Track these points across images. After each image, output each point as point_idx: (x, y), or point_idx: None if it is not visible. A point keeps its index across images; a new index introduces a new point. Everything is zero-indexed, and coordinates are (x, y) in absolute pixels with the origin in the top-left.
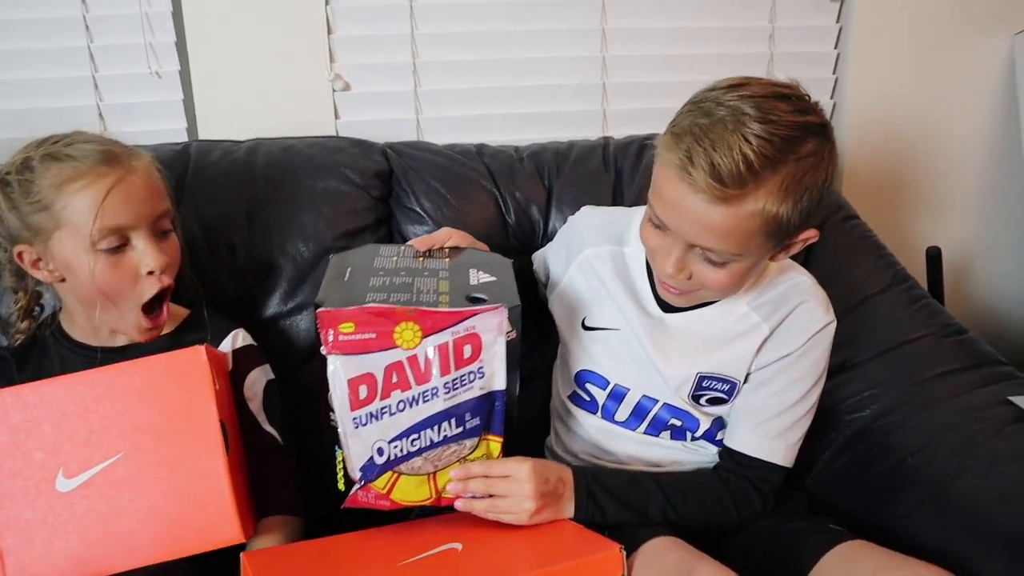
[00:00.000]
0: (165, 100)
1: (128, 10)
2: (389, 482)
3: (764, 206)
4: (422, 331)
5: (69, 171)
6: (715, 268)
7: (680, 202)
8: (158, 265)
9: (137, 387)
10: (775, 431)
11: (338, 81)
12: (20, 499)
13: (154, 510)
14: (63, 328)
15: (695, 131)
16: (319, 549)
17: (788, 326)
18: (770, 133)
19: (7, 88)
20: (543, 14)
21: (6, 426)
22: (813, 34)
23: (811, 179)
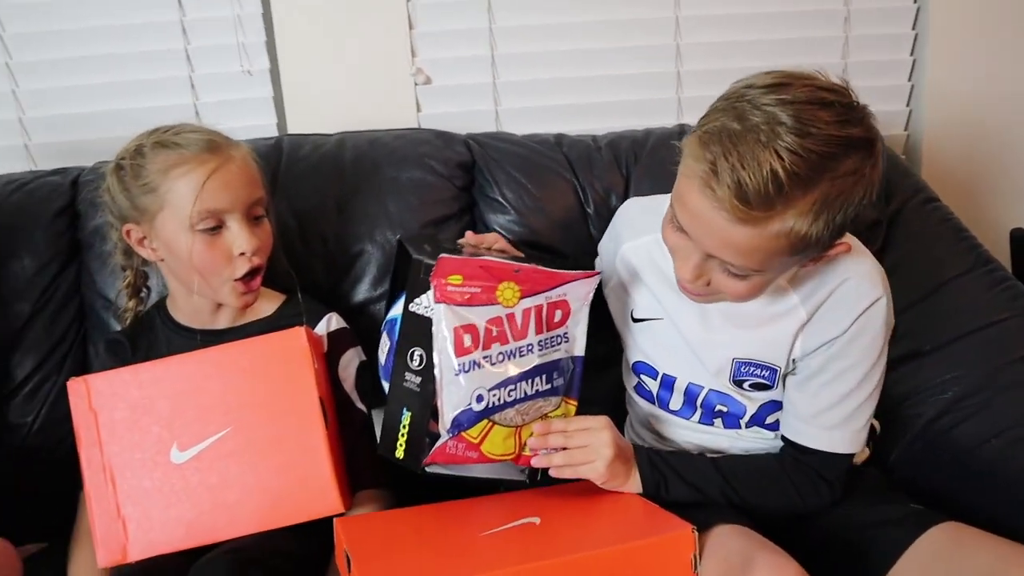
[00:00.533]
0: (256, 97)
1: (221, 12)
2: (483, 432)
3: (792, 226)
4: (521, 292)
5: (175, 157)
6: (734, 280)
7: (702, 214)
8: (250, 247)
9: (243, 367)
10: (834, 421)
11: (420, 75)
12: (139, 470)
13: (259, 482)
14: (169, 312)
15: (724, 140)
16: (406, 517)
17: (831, 308)
18: (806, 149)
19: (111, 89)
20: (617, 4)
21: (127, 402)
22: (889, 15)
23: (846, 198)
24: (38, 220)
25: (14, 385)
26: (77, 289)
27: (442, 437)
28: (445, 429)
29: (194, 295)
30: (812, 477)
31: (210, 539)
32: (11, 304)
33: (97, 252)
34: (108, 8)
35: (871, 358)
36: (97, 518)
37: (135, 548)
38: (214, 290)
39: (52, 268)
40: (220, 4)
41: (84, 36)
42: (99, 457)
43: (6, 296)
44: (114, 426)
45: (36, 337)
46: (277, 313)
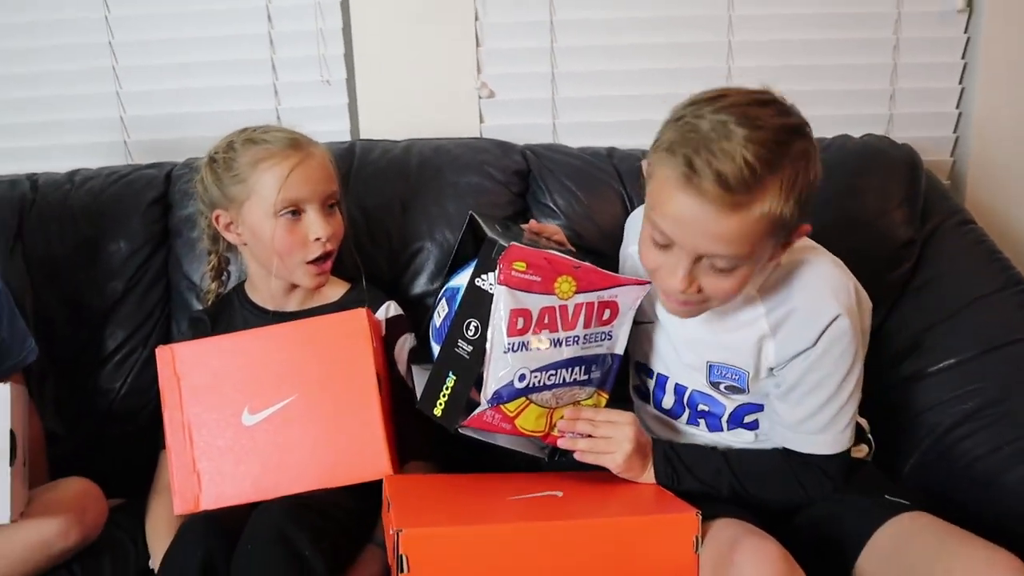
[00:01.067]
0: (333, 104)
1: (306, 26)
2: (519, 407)
3: (770, 208)
4: (577, 287)
5: (263, 152)
6: (723, 277)
7: (688, 214)
8: (324, 234)
9: (310, 341)
10: (817, 427)
11: (484, 89)
12: (214, 429)
13: (319, 445)
14: (247, 294)
15: (689, 143)
16: (445, 480)
17: (793, 325)
18: (761, 139)
19: (203, 93)
20: (673, 27)
21: (207, 369)
22: (939, 45)
23: (804, 177)
24: (134, 208)
25: (105, 354)
26: (165, 271)
27: (481, 405)
28: (486, 399)
29: (272, 277)
30: (816, 472)
31: (273, 494)
32: (107, 282)
33: (185, 239)
34: (204, 20)
35: (844, 367)
36: (175, 471)
37: (207, 499)
38: (290, 271)
39: (144, 251)
40: (305, 19)
41: (182, 45)
42: (180, 417)
43: (103, 275)
44: (194, 390)
45: (127, 312)
46: (343, 299)
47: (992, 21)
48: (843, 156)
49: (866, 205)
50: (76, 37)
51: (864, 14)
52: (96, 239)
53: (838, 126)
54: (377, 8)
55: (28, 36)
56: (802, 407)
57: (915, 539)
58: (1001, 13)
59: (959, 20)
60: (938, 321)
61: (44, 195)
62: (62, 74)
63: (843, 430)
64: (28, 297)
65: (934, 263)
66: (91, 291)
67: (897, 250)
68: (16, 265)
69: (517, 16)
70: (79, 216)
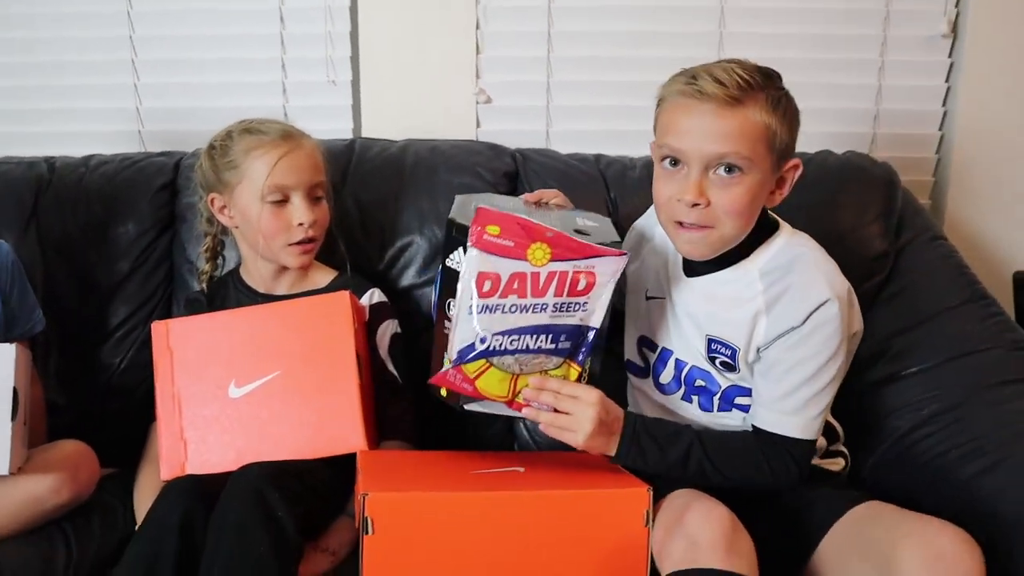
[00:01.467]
0: (338, 104)
1: (316, 29)
2: (479, 369)
3: (762, 115)
4: (551, 255)
5: (256, 141)
6: (730, 187)
7: (694, 120)
8: (307, 220)
9: (295, 320)
10: (791, 407)
11: (482, 95)
12: (201, 400)
13: (300, 418)
14: (241, 277)
15: (690, 71)
16: (415, 456)
17: (786, 302)
18: (747, 67)
19: (215, 88)
20: (665, 42)
21: (197, 344)
22: (923, 68)
23: (787, 104)
24: (144, 193)
25: (108, 331)
26: (169, 254)
27: (445, 365)
28: (450, 359)
29: (261, 260)
30: (783, 456)
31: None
32: (114, 261)
33: (190, 224)
34: (220, 19)
35: (827, 353)
36: (164, 439)
37: (192, 466)
38: (275, 252)
39: (151, 234)
40: (315, 22)
41: (198, 42)
42: (170, 388)
43: (110, 254)
44: (185, 363)
45: (131, 291)
46: (329, 285)
47: (975, 47)
48: (824, 170)
49: (844, 218)
50: (99, 30)
51: (851, 36)
52: (106, 220)
53: (824, 143)
54: (384, 14)
55: (54, 27)
56: (780, 385)
57: (875, 520)
58: (983, 40)
59: (943, 45)
60: (906, 330)
61: (60, 177)
62: (84, 64)
63: (815, 417)
64: (39, 272)
65: (905, 275)
66: (98, 269)
67: (871, 262)
68: (30, 241)
69: (516, 26)
70: (92, 198)
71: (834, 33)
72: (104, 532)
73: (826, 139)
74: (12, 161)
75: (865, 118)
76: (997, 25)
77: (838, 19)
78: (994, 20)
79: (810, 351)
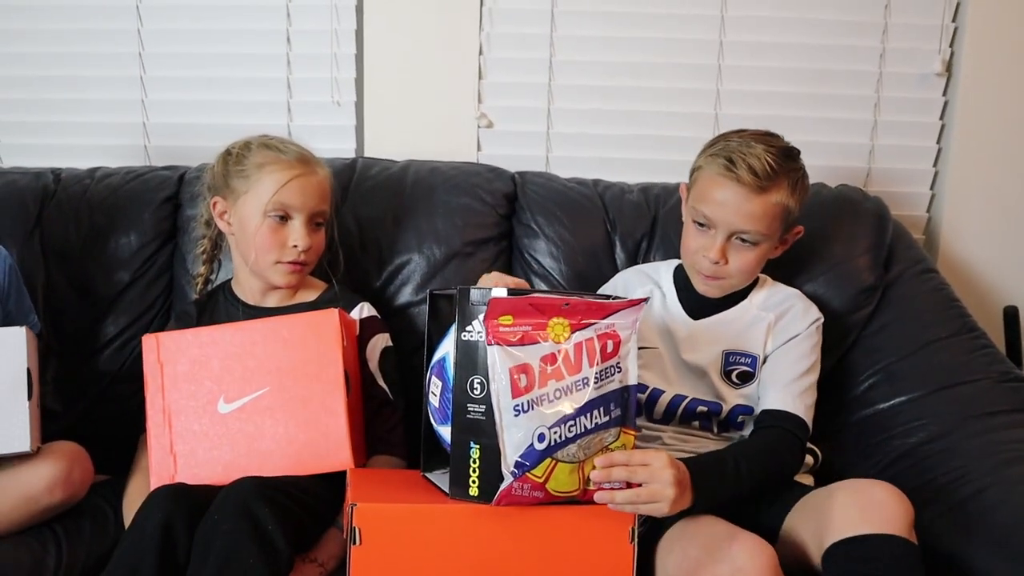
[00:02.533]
0: (342, 124)
1: (321, 50)
2: (547, 470)
3: (783, 197)
4: (571, 327)
5: (273, 157)
6: (746, 251)
7: (727, 198)
8: (303, 244)
9: (284, 337)
10: (796, 391)
11: (483, 119)
12: (191, 415)
13: (287, 434)
14: (232, 290)
15: (725, 151)
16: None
17: (788, 320)
18: (775, 150)
19: (221, 106)
20: (665, 73)
21: (188, 358)
22: (918, 105)
23: (803, 183)
24: (147, 204)
25: (106, 340)
26: (170, 266)
27: (506, 479)
28: (508, 471)
29: (250, 272)
30: (791, 439)
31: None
32: (115, 272)
33: (191, 236)
34: (227, 38)
35: (812, 358)
36: (154, 452)
37: (181, 479)
38: (264, 267)
39: (152, 246)
40: (321, 43)
41: (205, 60)
42: (161, 401)
43: (112, 265)
44: (176, 377)
45: (131, 301)
46: (318, 299)
47: (968, 86)
48: (817, 203)
49: (835, 250)
50: (109, 47)
51: (848, 71)
52: (109, 231)
53: (819, 176)
54: (389, 38)
55: (65, 43)
56: (790, 371)
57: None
58: (977, 79)
59: (938, 83)
60: (895, 360)
61: (65, 187)
62: (94, 79)
63: (809, 407)
64: (41, 280)
65: (896, 306)
66: (99, 279)
67: (859, 294)
68: (33, 249)
69: (519, 53)
70: (95, 209)
71: (831, 68)
72: (94, 537)
73: (822, 172)
74: (19, 171)
75: (861, 153)
76: (990, 65)
77: (835, 55)
78: (987, 60)
79: (804, 351)
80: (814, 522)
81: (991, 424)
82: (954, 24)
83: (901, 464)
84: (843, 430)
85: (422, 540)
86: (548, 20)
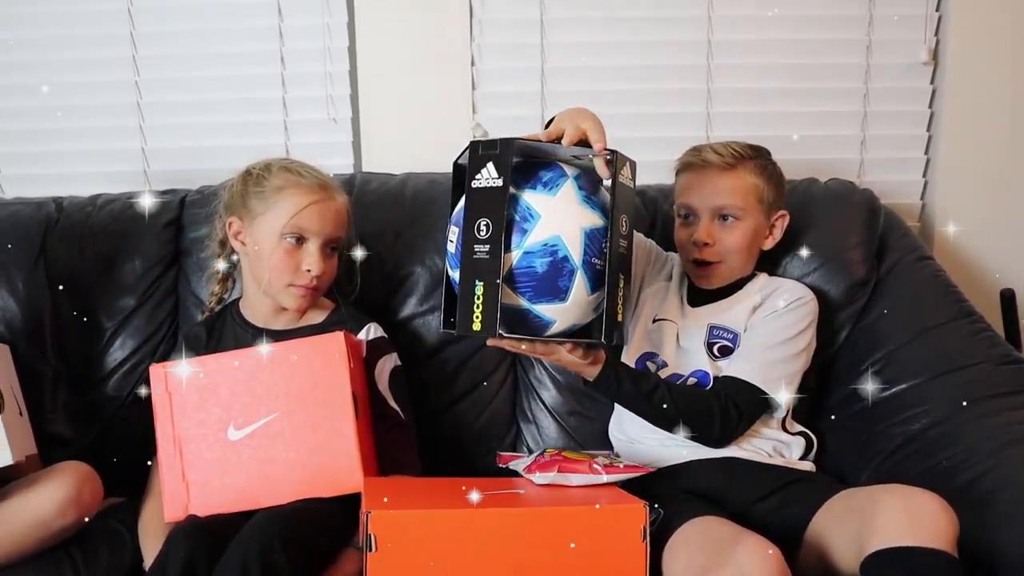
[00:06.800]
0: (338, 141)
1: (315, 68)
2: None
3: (752, 178)
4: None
5: (293, 180)
6: (730, 229)
7: (701, 181)
8: (316, 269)
9: (290, 362)
10: (762, 361)
11: (478, 129)
12: (202, 443)
13: (299, 459)
14: (240, 311)
15: (694, 148)
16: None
17: (772, 299)
18: (741, 143)
19: (218, 128)
20: (655, 75)
21: (196, 386)
22: (906, 95)
23: (774, 172)
24: (149, 230)
25: (115, 365)
26: (174, 289)
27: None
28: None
29: (262, 295)
30: (729, 405)
31: (255, 505)
32: (121, 297)
33: (195, 259)
34: (222, 60)
35: (795, 329)
36: (166, 481)
37: (195, 507)
38: (275, 289)
39: (156, 270)
40: (315, 62)
41: (199, 82)
42: (171, 431)
43: (117, 290)
44: (185, 406)
45: (138, 326)
46: (326, 320)
47: (954, 73)
48: (808, 198)
49: (827, 244)
50: (105, 74)
51: (835, 64)
52: (113, 257)
53: (812, 169)
54: (381, 53)
55: (62, 72)
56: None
57: (857, 493)
58: (963, 66)
59: (925, 72)
60: (895, 347)
61: (68, 215)
62: (91, 108)
63: (780, 377)
64: (48, 308)
65: (893, 295)
66: (106, 305)
67: (851, 288)
68: (38, 278)
69: (510, 63)
70: (99, 235)
71: (819, 63)
72: (112, 560)
73: (815, 165)
74: (22, 202)
75: (852, 144)
76: (975, 51)
77: (822, 49)
78: (972, 47)
79: (784, 323)
80: (854, 525)
81: (992, 407)
82: (938, 13)
83: (907, 450)
84: (845, 419)
85: (438, 545)
86: (538, 29)
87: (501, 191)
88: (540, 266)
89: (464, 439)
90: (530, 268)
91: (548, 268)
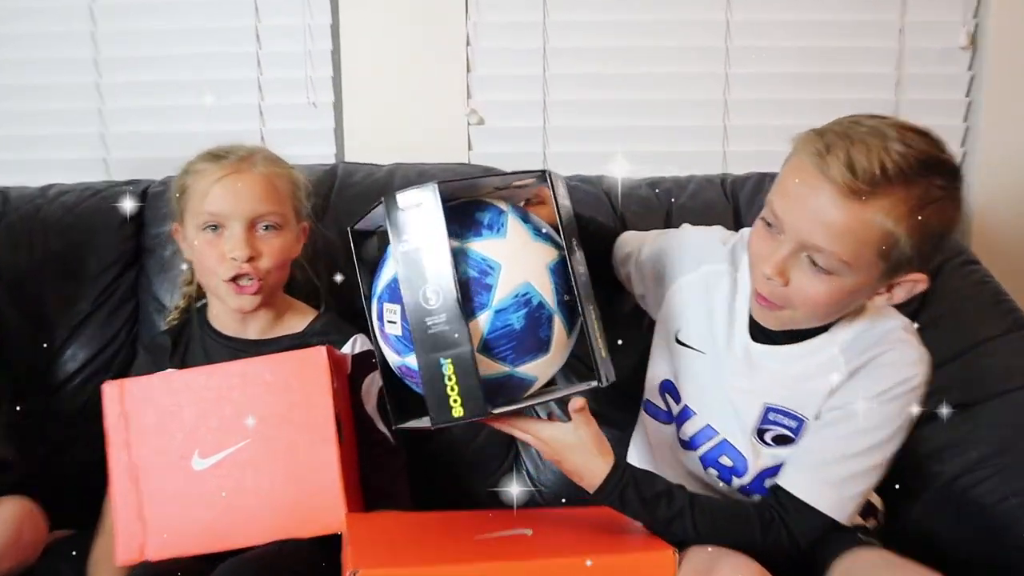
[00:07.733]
0: (319, 128)
1: (294, 47)
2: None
3: (886, 220)
4: None
5: (203, 164)
6: (816, 278)
7: (805, 193)
8: (240, 254)
9: (265, 380)
10: (829, 477)
11: (474, 115)
12: (162, 473)
13: (272, 492)
14: (208, 319)
15: (838, 130)
16: (408, 518)
17: (870, 371)
18: (908, 152)
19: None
20: (668, 57)
21: (156, 408)
22: (942, 82)
23: (934, 211)
24: (107, 224)
25: (65, 377)
26: (134, 291)
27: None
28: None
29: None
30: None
31: (222, 546)
32: (73, 301)
33: (158, 258)
34: (191, 37)
35: (886, 430)
36: (119, 517)
37: (152, 548)
38: (212, 289)
39: (114, 270)
40: (294, 40)
41: (165, 62)
42: (126, 458)
43: (69, 292)
44: (143, 430)
45: (91, 334)
46: (306, 330)
47: (997, 58)
48: None
49: None
50: (61, 51)
51: (864, 48)
52: (65, 255)
53: None
54: (367, 31)
55: (10, 48)
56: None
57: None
58: (1006, 50)
59: (962, 57)
60: (942, 363)
61: (15, 208)
62: (44, 88)
63: (850, 498)
64: None
65: (938, 304)
66: (56, 309)
67: None
68: None
69: (510, 43)
70: (49, 230)
71: (845, 46)
72: None
73: None
74: None
75: None
76: (1020, 35)
77: (849, 32)
78: (1016, 30)
79: (874, 422)
80: None
81: None
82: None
83: (963, 481)
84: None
85: None
86: (540, 5)
87: (440, 248)
88: (516, 321)
89: (458, 463)
90: (507, 327)
91: (526, 321)
